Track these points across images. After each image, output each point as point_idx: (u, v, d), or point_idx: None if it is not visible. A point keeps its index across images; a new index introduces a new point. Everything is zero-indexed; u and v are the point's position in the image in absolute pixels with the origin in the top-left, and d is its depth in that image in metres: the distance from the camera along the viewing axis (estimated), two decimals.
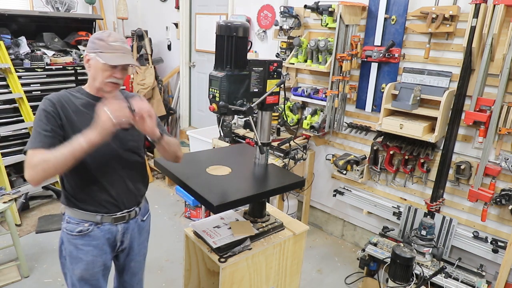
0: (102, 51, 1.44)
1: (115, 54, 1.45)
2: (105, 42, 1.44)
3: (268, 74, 1.73)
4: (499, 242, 2.45)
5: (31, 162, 1.31)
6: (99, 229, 1.56)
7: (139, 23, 5.37)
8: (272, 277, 1.82)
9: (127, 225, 1.64)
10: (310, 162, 3.38)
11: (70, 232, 1.55)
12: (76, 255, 1.55)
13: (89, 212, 1.54)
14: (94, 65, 1.46)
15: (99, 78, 1.47)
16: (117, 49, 1.46)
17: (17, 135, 3.70)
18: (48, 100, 1.44)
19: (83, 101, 1.49)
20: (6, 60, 3.50)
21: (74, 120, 1.45)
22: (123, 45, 1.49)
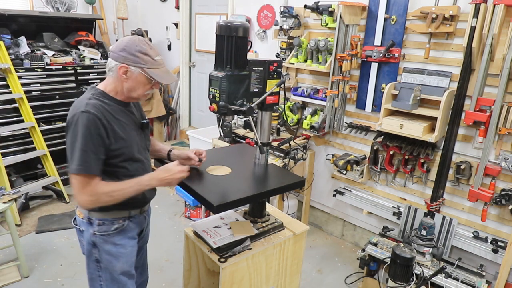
0: (149, 67, 1.45)
1: (161, 70, 1.49)
2: (150, 57, 1.45)
3: (268, 74, 1.73)
4: (499, 242, 2.45)
5: (90, 190, 1.39)
6: (131, 222, 1.64)
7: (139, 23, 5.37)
8: (272, 277, 1.82)
9: (148, 212, 1.80)
10: (310, 162, 3.38)
11: (105, 232, 1.56)
12: (116, 251, 1.59)
13: (121, 210, 1.59)
14: (135, 78, 1.46)
15: (139, 91, 1.49)
16: (161, 64, 1.50)
17: (17, 135, 3.70)
18: (93, 115, 1.39)
19: (114, 108, 1.50)
20: (6, 60, 3.50)
21: (116, 130, 1.47)
22: (162, 58, 1.52)
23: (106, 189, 1.42)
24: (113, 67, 1.46)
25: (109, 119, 1.44)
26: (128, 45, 1.43)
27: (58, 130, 4.06)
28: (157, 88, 1.55)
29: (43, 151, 3.68)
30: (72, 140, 1.39)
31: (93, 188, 1.40)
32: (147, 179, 1.50)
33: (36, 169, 3.96)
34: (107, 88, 1.51)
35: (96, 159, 1.40)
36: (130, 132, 1.54)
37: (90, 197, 1.40)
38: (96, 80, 4.40)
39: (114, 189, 1.43)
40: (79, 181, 1.39)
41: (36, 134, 3.66)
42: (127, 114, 1.55)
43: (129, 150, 1.52)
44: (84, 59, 4.33)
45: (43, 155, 3.71)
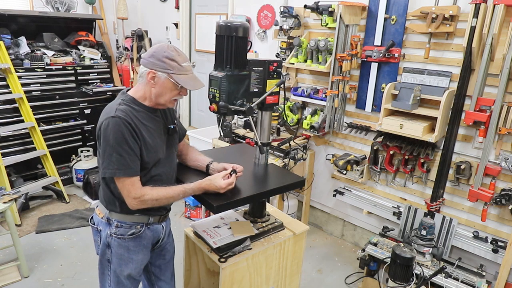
0: (175, 73, 1.46)
1: (188, 76, 1.49)
2: (177, 63, 1.45)
3: (268, 74, 1.73)
4: (499, 242, 2.45)
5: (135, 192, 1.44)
6: (149, 229, 1.63)
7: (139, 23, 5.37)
8: (272, 277, 1.82)
9: (167, 222, 1.77)
10: (310, 162, 3.38)
11: (122, 235, 1.57)
12: (128, 256, 1.60)
13: (142, 215, 1.59)
14: (163, 84, 1.47)
15: (166, 97, 1.50)
16: (188, 70, 1.49)
17: (17, 135, 3.71)
18: (124, 120, 1.43)
19: (142, 114, 1.52)
20: (6, 60, 3.50)
21: (145, 136, 1.49)
22: (190, 64, 1.52)
23: (154, 195, 1.47)
24: (143, 73, 1.49)
25: (137, 124, 1.46)
26: (156, 51, 1.46)
27: (58, 130, 4.06)
28: (185, 95, 1.54)
29: (43, 151, 3.68)
30: (106, 145, 1.42)
31: (138, 190, 1.45)
32: (193, 187, 1.53)
33: (36, 169, 3.96)
34: (137, 94, 1.53)
35: (132, 160, 1.43)
36: (157, 138, 1.55)
37: (136, 199, 1.45)
38: (96, 80, 4.40)
39: (160, 195, 1.48)
40: (124, 184, 1.44)
41: (36, 134, 3.66)
42: (155, 120, 1.56)
43: (155, 155, 1.53)
44: (84, 59, 4.33)
45: (43, 155, 3.71)
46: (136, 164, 1.45)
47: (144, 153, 1.49)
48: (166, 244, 1.79)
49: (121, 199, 1.53)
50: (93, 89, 4.21)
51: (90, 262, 2.91)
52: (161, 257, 1.80)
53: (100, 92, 4.32)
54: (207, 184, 1.53)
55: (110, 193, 1.55)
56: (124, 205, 1.52)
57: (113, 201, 1.56)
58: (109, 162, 1.42)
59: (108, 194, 1.56)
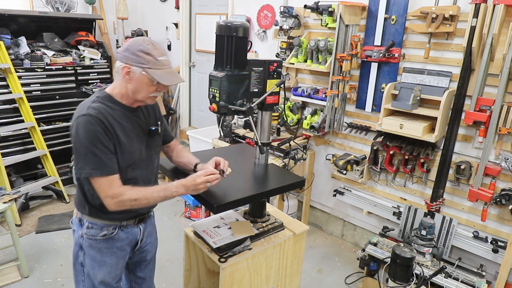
0: (150, 67, 1.37)
1: (165, 70, 1.40)
2: (153, 57, 1.37)
3: (268, 74, 1.73)
4: (499, 242, 2.45)
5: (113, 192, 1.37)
6: (123, 232, 1.56)
7: (139, 23, 5.37)
8: (272, 277, 1.82)
9: (146, 223, 1.68)
10: (310, 162, 3.38)
11: (93, 236, 1.51)
12: (100, 259, 1.54)
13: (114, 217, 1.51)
14: (138, 79, 1.39)
15: (143, 93, 1.42)
16: (165, 65, 1.41)
17: (17, 135, 3.70)
18: (97, 118, 1.36)
19: (118, 112, 1.44)
20: (6, 60, 3.50)
21: (119, 135, 1.42)
22: (167, 58, 1.43)
23: (133, 195, 1.39)
24: (118, 68, 1.42)
25: (111, 122, 1.39)
26: (131, 45, 1.39)
27: (58, 130, 4.06)
28: (163, 91, 1.47)
29: (43, 151, 3.68)
30: (80, 145, 1.35)
31: (115, 189, 1.37)
32: (175, 185, 1.44)
33: (36, 169, 3.96)
34: (114, 91, 1.47)
35: (109, 158, 1.37)
36: (133, 138, 1.48)
37: (113, 199, 1.37)
38: (96, 80, 4.40)
39: (140, 196, 1.40)
40: (101, 184, 1.37)
41: (36, 134, 3.66)
42: (132, 120, 1.49)
43: (130, 156, 1.46)
44: (84, 59, 4.33)
45: (43, 155, 3.71)
46: (113, 162, 1.39)
47: (118, 153, 1.42)
48: (145, 246, 1.73)
49: (91, 203, 1.48)
50: (93, 89, 4.21)
51: None
52: (141, 258, 1.76)
53: None
54: (188, 181, 1.44)
55: (82, 195, 1.50)
56: (93, 209, 1.48)
57: (83, 204, 1.51)
58: (84, 162, 1.35)
59: (80, 196, 1.51)
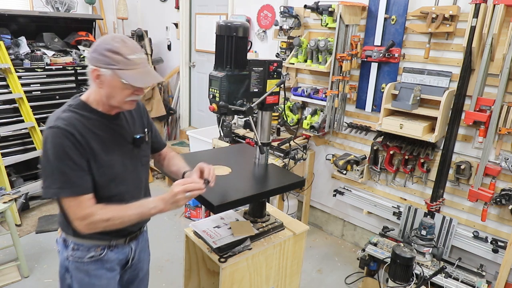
0: (121, 68, 1.20)
1: (137, 70, 1.22)
2: (122, 56, 1.20)
3: (268, 74, 1.73)
4: (499, 242, 2.45)
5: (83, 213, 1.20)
6: (112, 252, 1.43)
7: (139, 23, 5.37)
8: (272, 277, 1.82)
9: (137, 241, 1.55)
10: (310, 162, 3.38)
11: (79, 258, 1.37)
12: (89, 281, 1.40)
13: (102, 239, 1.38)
14: (109, 83, 1.22)
15: (118, 98, 1.25)
16: (138, 63, 1.23)
17: (17, 135, 3.70)
18: (64, 131, 1.19)
19: (95, 122, 1.28)
20: (6, 60, 3.50)
21: (94, 148, 1.26)
22: (141, 56, 1.25)
23: (104, 215, 1.22)
24: (88, 71, 1.25)
25: (84, 133, 1.23)
26: (99, 44, 1.22)
27: None
28: (141, 94, 1.30)
29: None
30: (46, 161, 1.20)
31: (85, 210, 1.21)
32: (153, 201, 1.27)
33: (36, 169, 3.95)
34: (89, 98, 1.30)
35: (79, 176, 1.21)
36: (114, 150, 1.33)
37: (83, 221, 1.21)
38: None
39: (113, 215, 1.22)
40: (70, 204, 1.21)
41: (36, 134, 3.66)
42: (111, 129, 1.33)
43: (110, 170, 1.31)
44: (84, 59, 4.33)
45: None
46: (84, 180, 1.22)
47: (93, 169, 1.26)
48: (138, 263, 1.59)
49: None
50: None
51: None
52: (133, 276, 1.62)
53: None
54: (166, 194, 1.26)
55: (64, 214, 1.32)
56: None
57: (66, 223, 1.34)
58: (51, 180, 1.20)
59: (62, 215, 1.35)
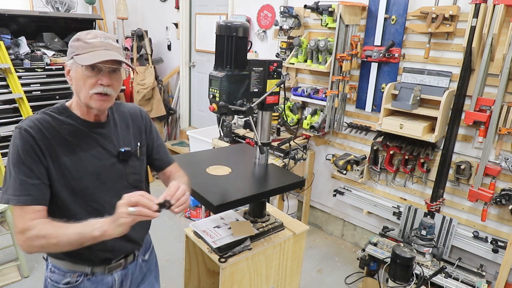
0: (78, 53, 1.09)
1: (94, 52, 1.09)
2: (82, 41, 1.10)
3: (268, 74, 1.73)
4: (499, 242, 2.45)
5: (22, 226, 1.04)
6: (89, 281, 1.25)
7: (139, 23, 5.37)
8: (272, 277, 1.82)
9: (125, 271, 1.33)
10: (310, 162, 3.38)
11: (56, 283, 1.25)
12: None
13: (78, 263, 1.24)
14: (73, 74, 1.12)
15: (83, 91, 1.11)
16: (97, 46, 1.10)
17: None
18: (25, 132, 1.08)
19: (70, 128, 1.15)
20: (6, 60, 3.50)
21: (60, 155, 1.12)
22: (106, 41, 1.13)
23: (41, 231, 1.03)
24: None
25: (50, 138, 1.10)
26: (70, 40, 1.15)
27: None
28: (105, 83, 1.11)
29: None
30: (7, 163, 1.11)
31: (25, 223, 1.04)
32: (100, 221, 1.03)
33: None
34: (73, 102, 1.19)
35: (30, 184, 1.07)
36: (88, 161, 1.16)
37: (22, 236, 1.04)
38: None
39: (49, 233, 1.03)
40: (14, 215, 1.07)
41: None
42: (89, 137, 1.18)
43: (78, 184, 1.14)
44: None
45: None
46: (36, 189, 1.07)
47: (54, 179, 1.11)
48: None
49: None
50: None
51: None
52: None
53: None
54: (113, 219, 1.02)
55: None
56: None
57: None
58: (6, 185, 1.08)
59: None
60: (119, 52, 1.14)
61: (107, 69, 1.11)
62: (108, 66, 1.11)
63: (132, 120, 1.33)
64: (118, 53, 1.13)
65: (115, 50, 1.13)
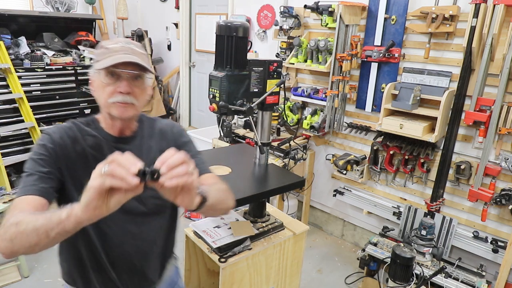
0: (97, 60, 1.04)
1: (112, 57, 1.01)
2: (103, 47, 1.05)
3: (268, 74, 1.73)
4: (499, 242, 2.45)
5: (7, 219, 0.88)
6: None
7: (139, 23, 5.37)
8: (272, 277, 1.82)
9: None
10: (310, 162, 3.38)
11: None
12: None
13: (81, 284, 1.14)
14: (95, 84, 1.07)
15: (101, 99, 1.05)
16: (116, 50, 1.03)
17: (17, 135, 3.70)
18: (47, 135, 1.06)
19: (92, 140, 1.09)
20: (6, 60, 3.50)
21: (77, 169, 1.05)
22: (127, 45, 1.05)
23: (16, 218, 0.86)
24: None
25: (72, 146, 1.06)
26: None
27: None
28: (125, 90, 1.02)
29: None
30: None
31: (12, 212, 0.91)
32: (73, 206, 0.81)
33: None
34: (101, 115, 1.14)
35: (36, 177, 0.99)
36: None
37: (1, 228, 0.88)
38: None
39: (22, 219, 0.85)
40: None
41: (36, 134, 3.66)
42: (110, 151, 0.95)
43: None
44: (84, 59, 4.33)
45: None
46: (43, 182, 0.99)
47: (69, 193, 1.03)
48: None
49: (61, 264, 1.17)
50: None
51: None
52: None
53: None
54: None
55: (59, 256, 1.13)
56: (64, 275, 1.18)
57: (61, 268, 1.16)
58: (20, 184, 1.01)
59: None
60: (141, 58, 1.04)
61: (126, 75, 1.03)
62: (127, 72, 1.02)
63: (161, 138, 1.19)
64: (139, 58, 1.04)
65: (137, 55, 1.05)
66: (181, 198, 0.83)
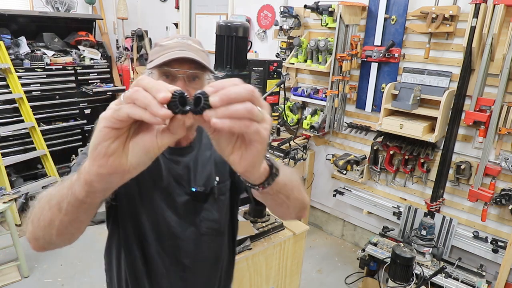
0: (152, 59, 0.93)
1: (167, 54, 0.90)
2: (158, 45, 0.95)
3: (268, 74, 1.73)
4: (499, 242, 2.45)
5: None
6: None
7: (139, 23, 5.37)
8: (272, 277, 1.82)
9: None
10: (310, 162, 3.38)
11: None
12: None
13: None
14: None
15: None
16: (171, 47, 0.91)
17: (17, 135, 3.70)
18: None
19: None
20: (6, 60, 3.50)
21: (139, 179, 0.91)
22: (183, 41, 0.94)
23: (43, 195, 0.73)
24: None
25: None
26: None
27: (58, 130, 4.06)
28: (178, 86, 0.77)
29: (43, 151, 3.68)
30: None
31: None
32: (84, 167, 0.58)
33: (36, 169, 3.95)
34: None
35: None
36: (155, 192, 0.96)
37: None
38: (96, 80, 4.40)
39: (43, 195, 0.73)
40: None
41: (36, 134, 3.66)
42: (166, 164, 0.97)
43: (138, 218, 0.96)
44: (84, 59, 4.33)
45: (43, 155, 3.70)
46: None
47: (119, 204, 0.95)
48: None
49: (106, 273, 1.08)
50: (93, 89, 4.21)
51: (90, 262, 2.91)
52: None
53: (100, 92, 4.32)
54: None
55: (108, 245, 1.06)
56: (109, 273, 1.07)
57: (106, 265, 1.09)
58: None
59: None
60: (199, 55, 0.90)
61: (181, 75, 0.89)
62: (182, 71, 0.88)
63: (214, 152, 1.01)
64: (197, 55, 0.90)
65: (194, 51, 0.91)
66: (238, 154, 0.55)
